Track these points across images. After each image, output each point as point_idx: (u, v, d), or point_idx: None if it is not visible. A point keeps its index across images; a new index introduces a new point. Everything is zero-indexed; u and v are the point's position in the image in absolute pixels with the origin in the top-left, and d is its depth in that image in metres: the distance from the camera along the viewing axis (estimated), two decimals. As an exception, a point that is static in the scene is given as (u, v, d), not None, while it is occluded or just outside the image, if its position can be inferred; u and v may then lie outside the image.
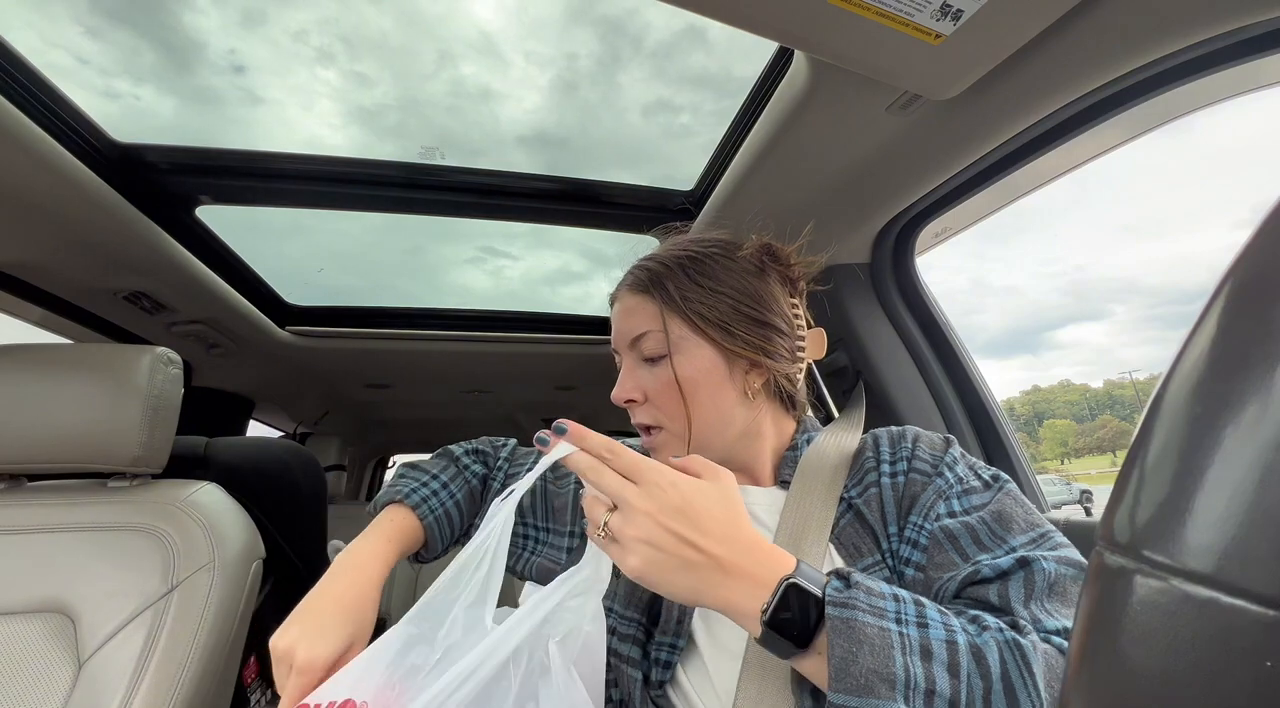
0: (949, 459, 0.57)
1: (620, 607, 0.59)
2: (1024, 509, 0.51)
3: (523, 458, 0.74)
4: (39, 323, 1.21)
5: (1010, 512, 0.50)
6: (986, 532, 0.49)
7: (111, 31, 0.91)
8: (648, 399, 0.61)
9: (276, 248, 1.37)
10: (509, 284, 1.80)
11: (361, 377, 1.98)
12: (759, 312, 0.60)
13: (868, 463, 0.60)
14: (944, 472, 0.55)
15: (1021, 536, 0.48)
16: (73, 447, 0.82)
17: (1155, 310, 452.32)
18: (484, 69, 1.09)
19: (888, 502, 0.56)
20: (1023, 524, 0.49)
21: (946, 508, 0.53)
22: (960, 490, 0.54)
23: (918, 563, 0.52)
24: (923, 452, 0.58)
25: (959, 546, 0.50)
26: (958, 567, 0.48)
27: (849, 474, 0.60)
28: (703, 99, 1.13)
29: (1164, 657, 0.14)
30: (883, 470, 0.58)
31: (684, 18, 1.02)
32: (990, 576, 0.46)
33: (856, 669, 0.37)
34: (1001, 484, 0.54)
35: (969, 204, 0.96)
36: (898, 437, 0.61)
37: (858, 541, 0.55)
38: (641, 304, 0.61)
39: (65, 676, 0.72)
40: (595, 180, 1.16)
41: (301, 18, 0.98)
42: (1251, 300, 0.15)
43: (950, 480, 0.54)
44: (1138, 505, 0.16)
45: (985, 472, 0.56)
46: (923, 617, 0.40)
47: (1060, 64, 0.64)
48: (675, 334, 0.59)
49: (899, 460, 0.58)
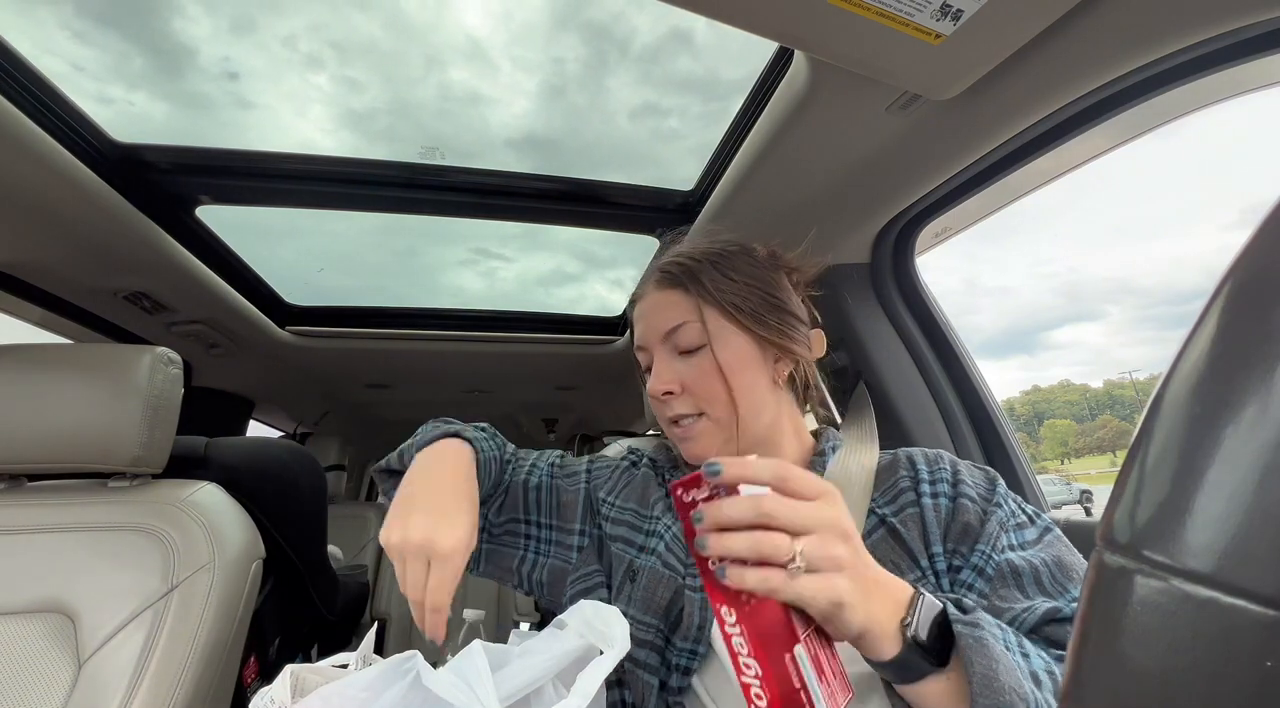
0: (1000, 491, 0.58)
1: (637, 612, 0.58)
2: (1078, 558, 0.53)
3: (525, 456, 0.74)
4: (39, 323, 1.21)
5: (1069, 560, 0.52)
6: (1049, 576, 0.51)
7: (102, 37, 0.92)
8: (685, 390, 0.62)
9: (273, 249, 1.38)
10: (503, 285, 1.81)
11: (361, 377, 1.98)
12: (781, 302, 0.64)
13: (903, 482, 0.60)
14: (1000, 505, 0.56)
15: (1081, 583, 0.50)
16: (73, 447, 0.82)
17: (1150, 311, 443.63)
18: (472, 74, 1.10)
19: (930, 523, 0.56)
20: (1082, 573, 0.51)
21: (1007, 540, 0.54)
22: (1015, 524, 0.55)
23: (982, 590, 0.52)
24: (967, 478, 0.59)
25: (1021, 583, 0.51)
26: (1020, 601, 0.50)
27: (877, 489, 0.61)
28: (690, 102, 1.14)
29: (1164, 657, 0.14)
30: (922, 491, 0.59)
31: (670, 22, 1.02)
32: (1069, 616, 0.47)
33: (999, 685, 0.37)
34: (1047, 524, 0.56)
35: (969, 204, 0.96)
36: (934, 459, 0.62)
37: (895, 558, 0.55)
38: (675, 299, 0.64)
39: (65, 676, 0.72)
40: (595, 180, 1.16)
41: (291, 24, 0.99)
42: (1251, 300, 0.15)
43: (1006, 513, 0.56)
44: (1138, 505, 0.16)
45: (1027, 508, 0.58)
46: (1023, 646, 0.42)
47: (1060, 64, 0.64)
48: (712, 325, 0.61)
49: (939, 482, 0.59)
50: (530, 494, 0.69)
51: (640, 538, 0.63)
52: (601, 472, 0.71)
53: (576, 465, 0.72)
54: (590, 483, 0.70)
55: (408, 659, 0.41)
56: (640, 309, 0.67)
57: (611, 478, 0.70)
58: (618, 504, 0.67)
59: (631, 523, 0.64)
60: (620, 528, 0.64)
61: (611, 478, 0.70)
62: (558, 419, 2.63)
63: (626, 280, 1.67)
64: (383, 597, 2.32)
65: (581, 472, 0.71)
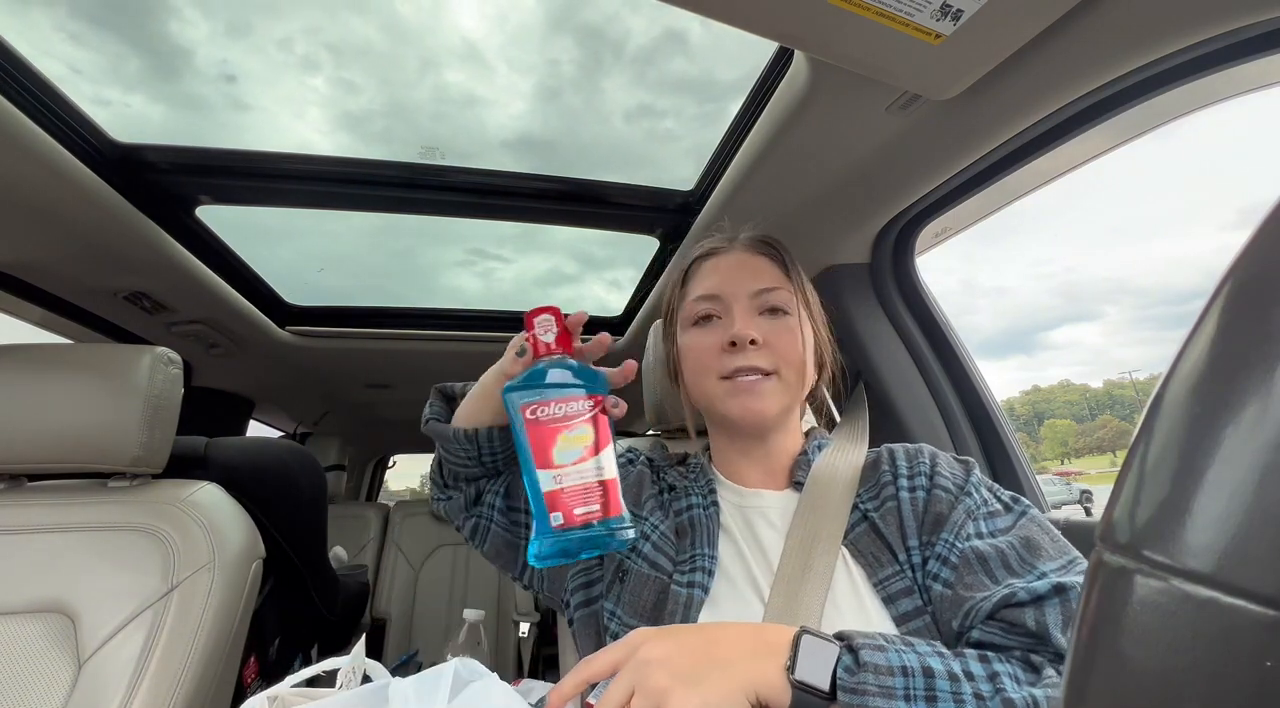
0: (974, 480, 0.59)
1: (624, 613, 0.58)
2: (1050, 536, 0.53)
3: None
4: (39, 323, 1.21)
5: (1038, 539, 0.52)
6: (1016, 557, 0.51)
7: (97, 39, 0.92)
8: (767, 344, 0.62)
9: (272, 249, 1.38)
10: (500, 286, 1.81)
11: (361, 377, 1.98)
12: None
13: (884, 477, 0.61)
14: (971, 492, 0.57)
15: (1051, 562, 0.50)
16: (73, 447, 0.82)
17: (1147, 311, 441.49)
18: (468, 76, 1.11)
19: (907, 516, 0.57)
20: (1051, 551, 0.51)
21: (975, 529, 0.54)
22: (986, 512, 0.56)
23: (946, 580, 0.53)
24: (943, 470, 0.60)
25: (989, 568, 0.51)
26: (987, 588, 0.50)
27: (863, 485, 0.62)
28: (685, 104, 1.15)
29: (1164, 657, 0.14)
30: (900, 485, 0.60)
31: (664, 23, 1.03)
32: (1026, 600, 0.47)
33: None
34: (1024, 509, 0.56)
35: (969, 204, 0.96)
36: (914, 453, 0.63)
37: (875, 551, 0.56)
38: (767, 264, 0.66)
39: (65, 676, 0.72)
40: (595, 180, 1.16)
41: (286, 26, 0.99)
42: (1251, 301, 0.15)
43: (977, 501, 0.57)
44: (1138, 505, 0.16)
45: (1004, 495, 0.58)
46: (931, 688, 0.41)
47: (1060, 64, 0.64)
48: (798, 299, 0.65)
49: (917, 475, 0.60)
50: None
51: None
52: None
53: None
54: None
55: (381, 689, 0.41)
56: (720, 262, 0.68)
57: None
58: None
59: None
60: None
61: None
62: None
63: (625, 281, 1.67)
64: (383, 597, 2.32)
65: None
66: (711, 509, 0.63)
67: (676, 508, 0.65)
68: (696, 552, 0.59)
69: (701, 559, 0.58)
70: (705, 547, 0.59)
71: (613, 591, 0.61)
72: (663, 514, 0.64)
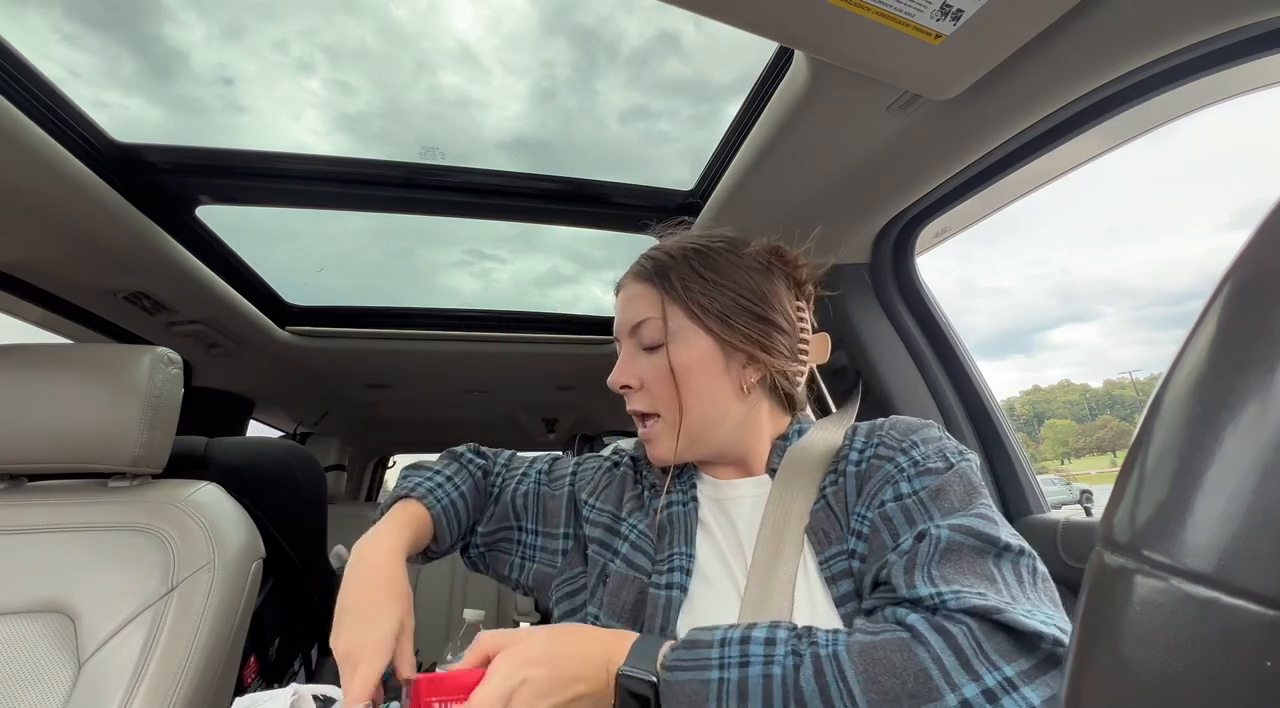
0: (916, 439, 0.55)
1: (605, 616, 0.58)
2: (965, 486, 0.49)
3: (518, 464, 0.74)
4: (39, 323, 1.21)
5: (949, 489, 0.49)
6: (920, 509, 0.48)
7: (94, 41, 0.92)
8: (643, 387, 0.61)
9: (272, 249, 1.38)
10: (498, 287, 1.81)
11: (361, 377, 1.98)
12: (760, 307, 0.60)
13: (843, 451, 0.60)
14: (903, 453, 0.54)
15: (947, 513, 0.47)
16: (73, 447, 0.82)
17: (1143, 312, 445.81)
18: (463, 78, 1.11)
19: (850, 491, 0.56)
20: (956, 501, 0.48)
21: (894, 492, 0.51)
22: (915, 472, 0.52)
23: (861, 554, 0.51)
24: (889, 437, 0.57)
25: (892, 527, 0.49)
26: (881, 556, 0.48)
27: (833, 465, 0.60)
28: (679, 105, 1.15)
29: (1164, 657, 0.14)
30: (850, 458, 0.58)
31: (658, 25, 1.03)
32: (895, 559, 0.46)
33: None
34: (959, 461, 0.52)
35: (969, 204, 0.96)
36: (876, 426, 0.60)
37: (828, 528, 0.55)
38: (644, 292, 0.62)
39: (65, 676, 0.72)
40: (595, 180, 1.16)
41: (282, 29, 0.99)
42: (1251, 300, 0.15)
43: (904, 463, 0.53)
44: (1138, 505, 0.16)
45: (953, 453, 0.53)
46: (745, 655, 0.42)
47: (1060, 64, 0.64)
48: (674, 323, 0.60)
49: (868, 447, 0.58)
50: (519, 502, 0.69)
51: (613, 540, 0.63)
52: (586, 473, 0.71)
53: (564, 469, 0.72)
54: (574, 485, 0.70)
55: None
56: (618, 300, 0.66)
57: (594, 479, 0.70)
58: (597, 506, 0.67)
59: (608, 525, 0.65)
60: (597, 530, 0.64)
61: (594, 479, 0.70)
62: (558, 419, 2.63)
63: (623, 282, 1.67)
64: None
65: (567, 475, 0.71)
66: (690, 505, 0.63)
67: (657, 506, 0.64)
68: (675, 551, 0.59)
69: (679, 558, 0.58)
70: (682, 545, 0.59)
71: (596, 594, 0.61)
72: (642, 514, 0.64)
